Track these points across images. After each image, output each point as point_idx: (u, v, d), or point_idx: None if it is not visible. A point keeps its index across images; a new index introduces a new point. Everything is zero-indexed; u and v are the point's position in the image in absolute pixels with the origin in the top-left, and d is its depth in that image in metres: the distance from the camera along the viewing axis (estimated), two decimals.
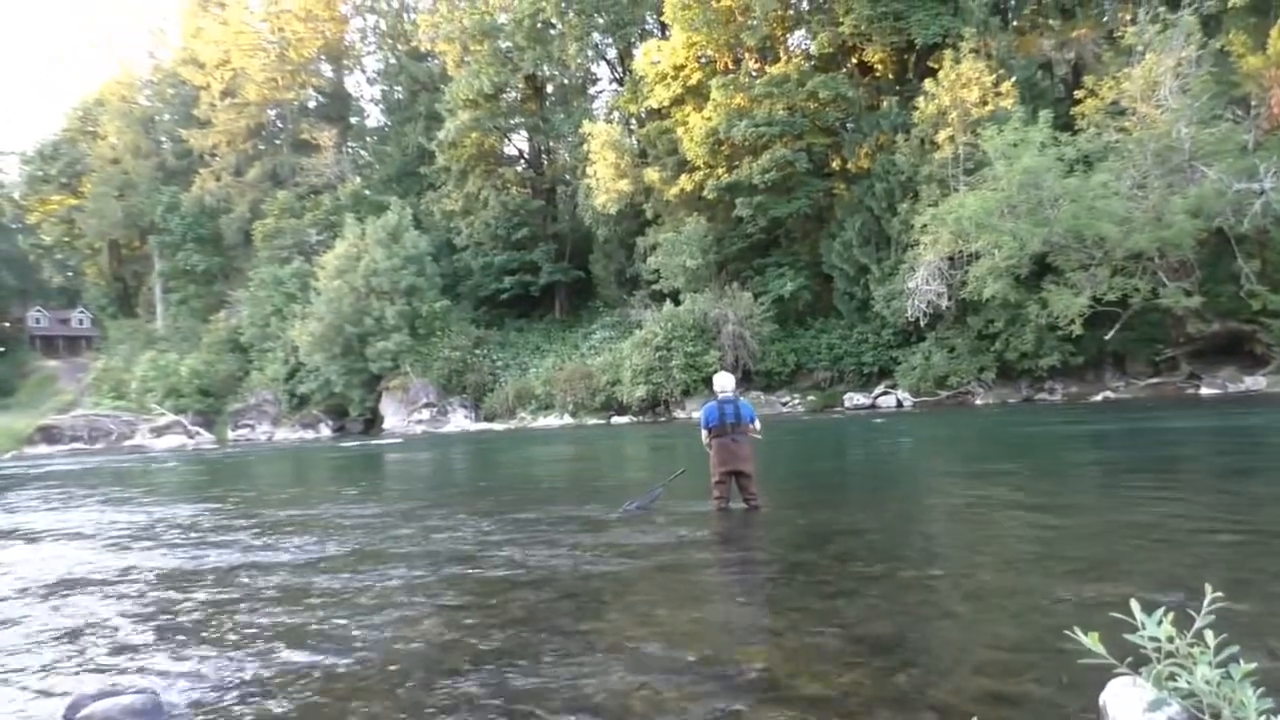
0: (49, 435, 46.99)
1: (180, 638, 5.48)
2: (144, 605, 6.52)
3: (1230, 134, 27.30)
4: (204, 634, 5.54)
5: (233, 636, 5.40)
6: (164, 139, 70.70)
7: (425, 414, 43.16)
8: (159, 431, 47.06)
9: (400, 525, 10.03)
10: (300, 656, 4.85)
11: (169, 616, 6.08)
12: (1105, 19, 36.96)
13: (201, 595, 6.78)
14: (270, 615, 5.92)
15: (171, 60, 70.48)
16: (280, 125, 64.88)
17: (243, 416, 50.02)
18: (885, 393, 33.87)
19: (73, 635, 5.68)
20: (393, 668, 4.55)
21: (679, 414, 35.83)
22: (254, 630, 5.52)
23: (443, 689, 4.16)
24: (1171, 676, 2.66)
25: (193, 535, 10.25)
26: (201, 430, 48.45)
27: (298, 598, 6.44)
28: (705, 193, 38.62)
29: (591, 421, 37.95)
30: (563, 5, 46.08)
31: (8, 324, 77.10)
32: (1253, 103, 28.74)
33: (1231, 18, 30.10)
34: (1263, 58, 29.16)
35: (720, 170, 38.31)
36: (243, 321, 54.27)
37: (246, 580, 7.26)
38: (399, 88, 62.33)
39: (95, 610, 6.41)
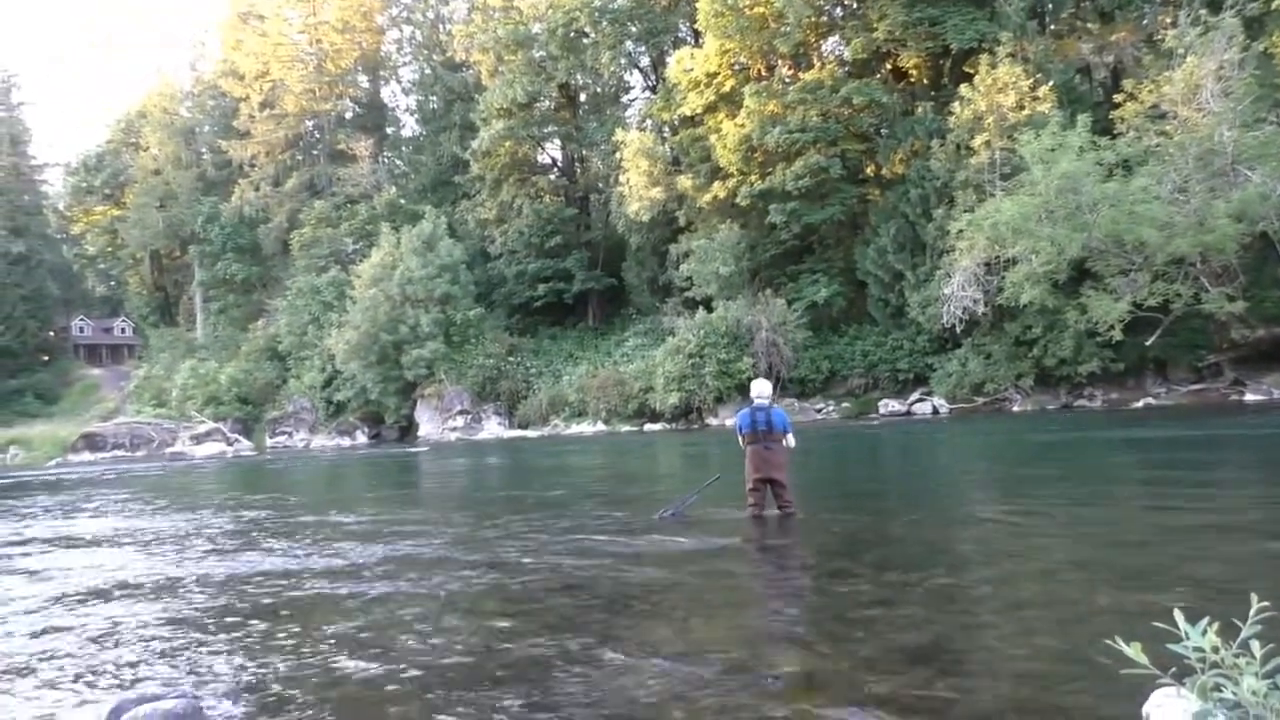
0: (92, 442, 47.80)
1: (220, 644, 5.54)
2: (185, 611, 6.61)
3: (1274, 137, 26.80)
4: (243, 640, 5.60)
5: (271, 642, 5.45)
6: (204, 150, 71.82)
7: (459, 421, 43.39)
8: (199, 439, 47.66)
9: (435, 532, 10.09)
10: (337, 662, 4.89)
11: (209, 622, 6.16)
12: (1145, 22, 36.44)
13: (240, 601, 6.86)
14: (307, 621, 5.98)
15: (212, 72, 71.63)
16: (318, 136, 65.61)
17: (280, 424, 50.54)
18: (920, 399, 33.57)
19: (115, 641, 5.76)
20: (429, 674, 4.57)
21: (712, 421, 35.76)
22: (292, 636, 5.58)
23: (478, 696, 4.18)
24: (1217, 687, 2.62)
25: (231, 541, 10.38)
26: (240, 437, 49.03)
27: (335, 604, 6.51)
28: (738, 200, 38.56)
29: (624, 429, 37.98)
30: (596, 14, 46.25)
31: (53, 333, 78.56)
32: None
33: (1275, 19, 29.56)
34: None
35: (753, 177, 38.24)
36: (280, 330, 54.86)
37: (283, 586, 7.34)
38: (434, 98, 62.84)
39: (137, 616, 6.51)
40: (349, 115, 66.66)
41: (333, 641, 5.34)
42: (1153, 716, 3.03)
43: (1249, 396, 27.19)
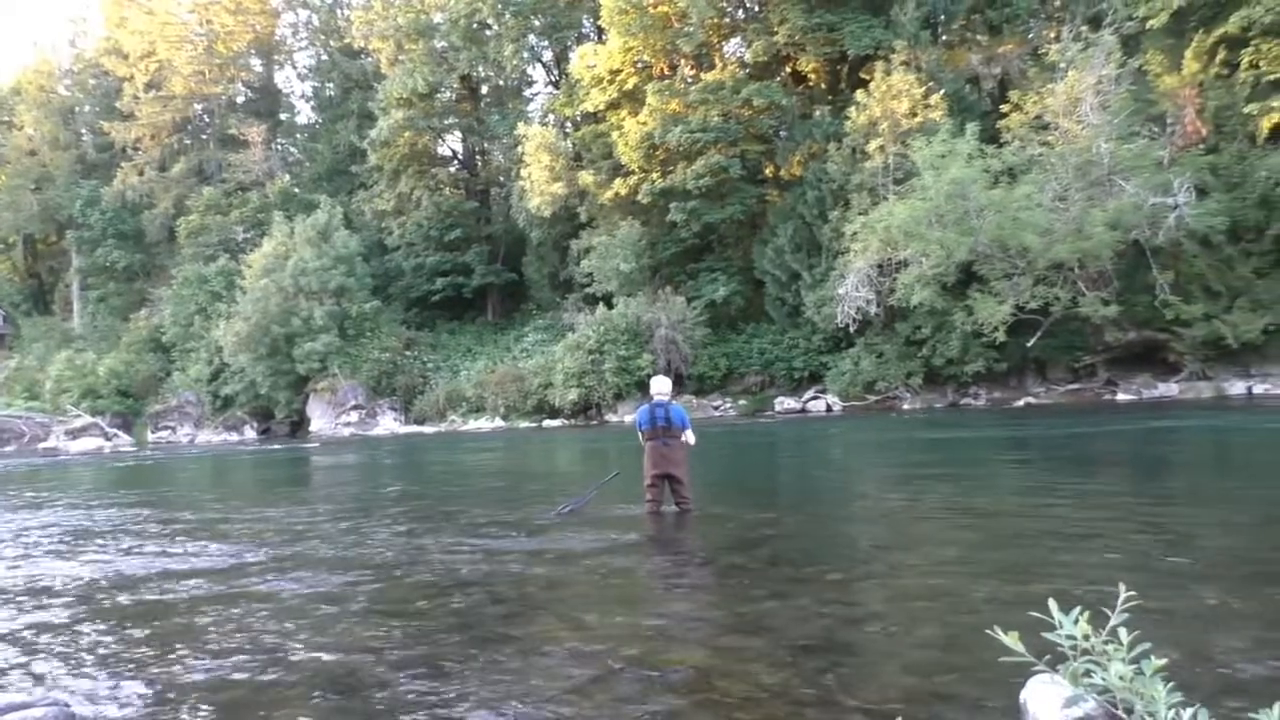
0: None
1: (94, 649, 5.30)
2: (57, 615, 6.30)
3: (1147, 150, 28.25)
4: (119, 645, 5.37)
5: (149, 647, 5.24)
6: (84, 131, 68.41)
7: (354, 416, 42.45)
8: (75, 434, 45.41)
9: (325, 530, 9.85)
10: (220, 666, 4.73)
11: (83, 627, 5.88)
12: (1031, 36, 37.92)
13: (117, 604, 6.58)
14: (188, 624, 5.77)
15: (93, 50, 68.29)
16: (207, 120, 63.23)
17: (163, 418, 48.55)
18: (815, 397, 34.24)
19: None
20: (317, 676, 4.46)
21: (611, 417, 35.82)
22: (171, 640, 5.37)
23: (368, 698, 4.10)
24: (1087, 673, 2.74)
25: (108, 542, 9.93)
26: (120, 432, 46.89)
27: (217, 606, 6.29)
28: (640, 197, 38.68)
29: (523, 424, 37.77)
30: (499, 6, 45.76)
31: None
32: (1168, 120, 29.78)
33: (1150, 38, 31.15)
34: (1178, 78, 30.24)
35: (655, 175, 38.42)
36: (165, 320, 52.65)
37: (164, 588, 7.06)
38: (331, 85, 61.22)
39: (4, 621, 6.17)
40: (241, 100, 64.44)
41: (215, 644, 5.17)
42: (1029, 702, 3.15)
43: (1120, 396, 28.61)
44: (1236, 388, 27.21)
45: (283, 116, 65.55)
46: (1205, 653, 4.00)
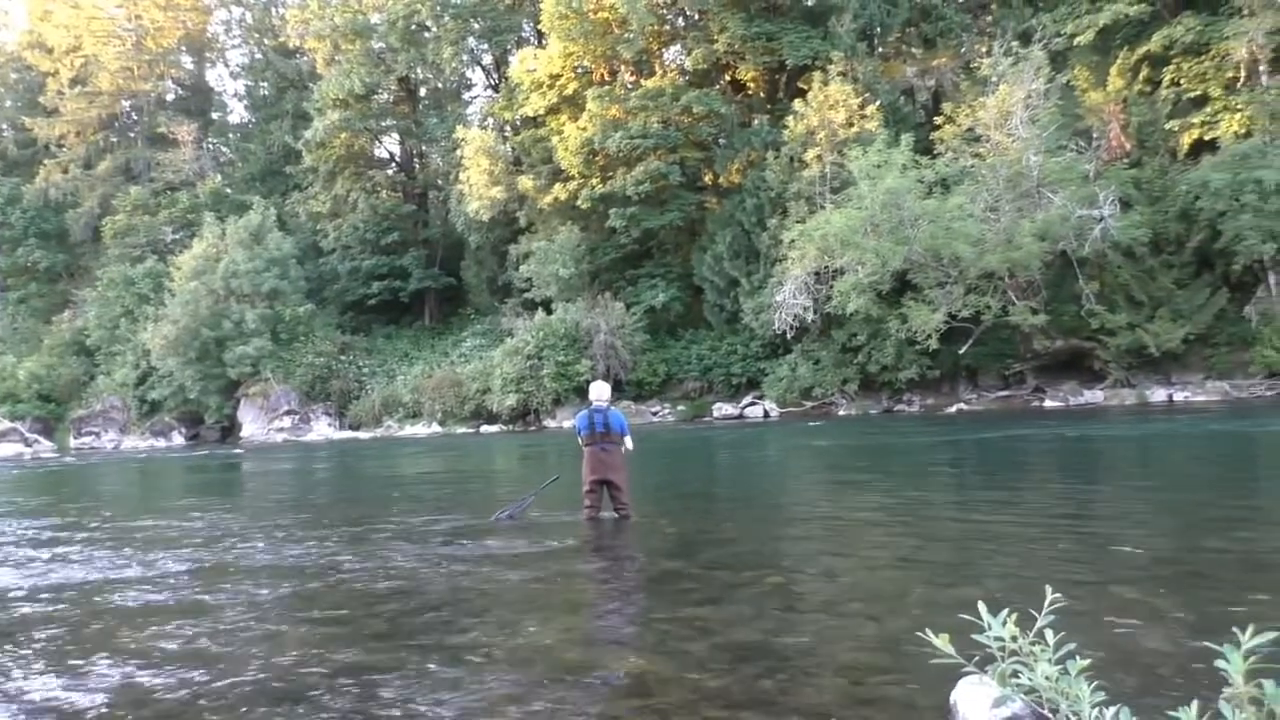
0: None
1: (19, 660, 5.13)
2: None
3: (1074, 163, 29.05)
4: (45, 655, 5.20)
5: (76, 658, 5.09)
6: (5, 126, 66.30)
7: (287, 421, 41.70)
8: None
9: (256, 538, 9.66)
10: (148, 677, 4.61)
11: (6, 638, 5.69)
12: (963, 50, 38.80)
13: (41, 614, 6.37)
14: (116, 634, 5.61)
15: (15, 43, 66.19)
16: (135, 117, 61.69)
17: (87, 423, 47.12)
18: (753, 403, 34.52)
19: None
20: (247, 687, 4.37)
21: (549, 423, 35.70)
22: (99, 651, 5.22)
23: (301, 708, 4.03)
24: (1015, 674, 2.81)
25: (29, 551, 9.61)
26: (41, 438, 45.44)
27: (145, 615, 6.13)
28: (579, 202, 38.67)
29: (460, 430, 37.45)
30: (438, 8, 45.45)
31: None
32: (1094, 135, 30.66)
33: (1077, 55, 32.10)
34: (1103, 93, 31.19)
35: (594, 180, 38.44)
36: (89, 323, 51.21)
37: (90, 598, 6.86)
38: (265, 84, 60.16)
39: None
40: (171, 97, 63.00)
41: (142, 655, 5.03)
42: (959, 703, 3.23)
43: (1048, 403, 29.32)
44: (1158, 395, 28.03)
45: (214, 115, 64.30)
46: (1128, 652, 4.12)
